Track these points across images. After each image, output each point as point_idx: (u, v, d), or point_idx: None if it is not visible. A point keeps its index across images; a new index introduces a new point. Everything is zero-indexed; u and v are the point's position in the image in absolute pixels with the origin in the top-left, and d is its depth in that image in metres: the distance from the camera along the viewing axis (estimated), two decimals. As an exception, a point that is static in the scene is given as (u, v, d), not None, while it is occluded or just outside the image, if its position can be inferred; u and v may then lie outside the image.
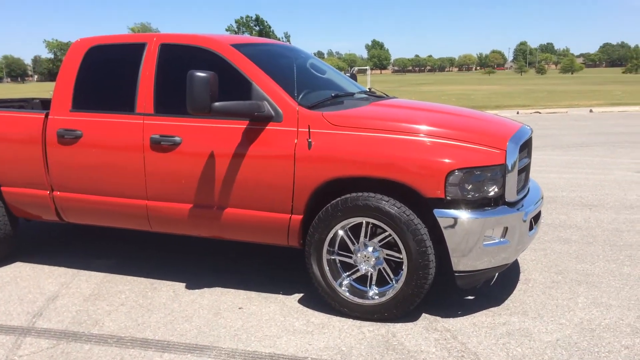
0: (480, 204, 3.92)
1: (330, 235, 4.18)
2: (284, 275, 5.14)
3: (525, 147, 4.40)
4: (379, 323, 4.11)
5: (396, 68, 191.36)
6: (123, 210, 4.89)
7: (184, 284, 4.96)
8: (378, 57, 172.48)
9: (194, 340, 3.94)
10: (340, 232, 4.19)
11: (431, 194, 3.86)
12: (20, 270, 5.45)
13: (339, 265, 4.28)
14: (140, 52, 4.88)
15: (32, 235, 6.63)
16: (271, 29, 71.84)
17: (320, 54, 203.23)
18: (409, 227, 3.91)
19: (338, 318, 4.22)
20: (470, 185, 3.86)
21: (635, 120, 18.91)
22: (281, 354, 3.72)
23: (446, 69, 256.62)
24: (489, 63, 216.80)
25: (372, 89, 5.59)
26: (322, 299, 4.35)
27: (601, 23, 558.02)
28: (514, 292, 4.60)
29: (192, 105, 4.09)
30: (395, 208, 3.94)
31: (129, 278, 5.15)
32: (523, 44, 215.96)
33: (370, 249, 4.15)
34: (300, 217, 4.30)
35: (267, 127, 4.32)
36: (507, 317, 4.15)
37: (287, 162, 4.21)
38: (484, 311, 4.25)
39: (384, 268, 4.16)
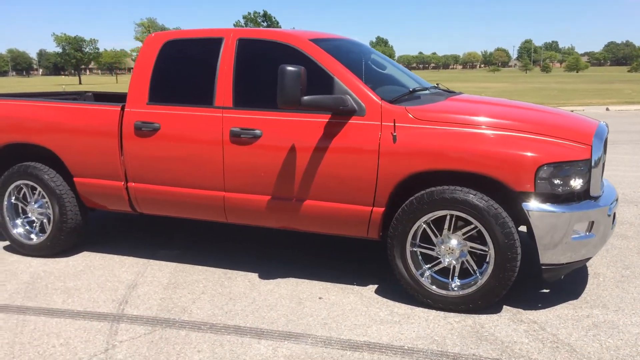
0: (567, 199, 4.01)
1: (415, 227, 4.26)
2: (352, 266, 5.25)
3: (605, 144, 4.49)
4: (463, 314, 4.19)
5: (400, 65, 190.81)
6: (199, 202, 4.98)
7: (257, 274, 5.06)
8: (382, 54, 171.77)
9: (285, 328, 4.03)
10: (423, 225, 4.27)
11: (520, 188, 3.95)
12: (90, 259, 5.55)
13: (419, 257, 4.36)
14: (217, 46, 4.97)
15: (91, 225, 6.70)
16: (279, 25, 71.90)
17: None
18: (497, 220, 4.00)
19: (420, 309, 4.31)
20: (559, 180, 3.96)
21: (655, 119, 18.94)
22: (376, 342, 3.81)
23: (450, 67, 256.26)
24: (494, 61, 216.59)
25: (439, 84, 5.67)
26: (399, 290, 4.48)
27: (606, 22, 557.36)
28: (587, 286, 4.69)
29: (283, 99, 4.18)
30: (483, 201, 4.03)
31: (200, 268, 5.25)
32: (528, 42, 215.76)
33: (454, 241, 4.24)
34: (382, 209, 4.39)
35: (349, 121, 4.41)
36: (588, 309, 4.24)
37: (370, 156, 4.30)
38: (564, 304, 4.34)
39: (467, 260, 4.24)
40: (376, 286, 4.76)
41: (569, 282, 4.71)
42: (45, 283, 4.93)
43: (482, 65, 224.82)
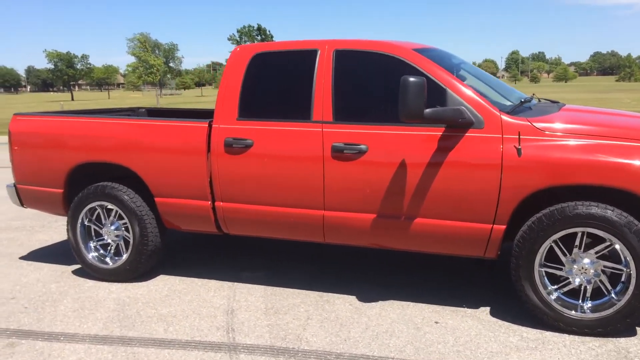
0: None
1: (544, 246, 4.04)
2: (450, 284, 5.05)
3: None
4: (599, 338, 3.97)
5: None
6: (296, 221, 4.74)
7: (354, 297, 4.82)
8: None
9: (418, 357, 3.80)
10: (552, 243, 4.05)
11: None
12: (170, 283, 5.29)
13: (545, 277, 4.14)
14: (311, 58, 4.75)
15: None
16: (273, 38, 71.94)
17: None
18: (638, 237, 3.78)
19: (550, 333, 4.09)
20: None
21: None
22: (525, 370, 3.57)
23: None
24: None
25: (534, 95, 5.48)
26: (515, 312, 4.33)
27: (591, 32, 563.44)
28: None
29: (406, 112, 3.98)
30: (623, 217, 3.82)
31: (291, 291, 5.01)
32: (515, 52, 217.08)
33: (586, 260, 4.02)
34: (503, 227, 4.17)
35: (466, 134, 4.20)
36: None
37: (492, 171, 4.09)
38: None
39: (600, 280, 4.02)
40: (488, 308, 4.53)
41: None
42: (135, 310, 4.66)
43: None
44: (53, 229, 7.45)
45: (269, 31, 71.62)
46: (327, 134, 4.53)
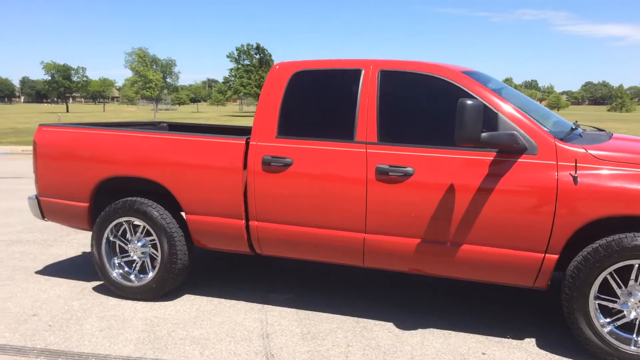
0: None
1: (600, 277, 3.91)
2: (488, 312, 4.89)
3: None
4: (656, 374, 3.82)
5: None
6: (334, 244, 4.60)
7: (392, 323, 4.69)
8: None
9: (471, 390, 3.62)
10: (607, 275, 3.93)
11: None
12: (198, 303, 5.12)
13: (597, 310, 4.00)
14: (355, 78, 4.65)
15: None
16: (271, 57, 72.13)
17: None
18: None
19: (604, 367, 3.92)
20: None
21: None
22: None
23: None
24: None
25: (577, 122, 5.36)
26: (563, 343, 4.22)
27: (584, 62, 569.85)
28: None
29: (463, 135, 3.86)
30: (683, 251, 3.69)
31: (325, 315, 4.85)
32: (508, 80, 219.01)
33: (643, 293, 3.89)
34: (556, 257, 4.05)
35: (519, 160, 4.08)
36: None
37: (547, 198, 3.97)
38: None
39: (655, 314, 3.89)
40: (533, 340, 4.39)
41: None
42: (166, 331, 4.47)
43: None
44: (66, 242, 7.25)
45: (267, 50, 71.82)
46: (371, 155, 4.40)
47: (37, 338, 4.34)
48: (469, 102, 3.83)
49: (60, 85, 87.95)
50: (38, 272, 5.99)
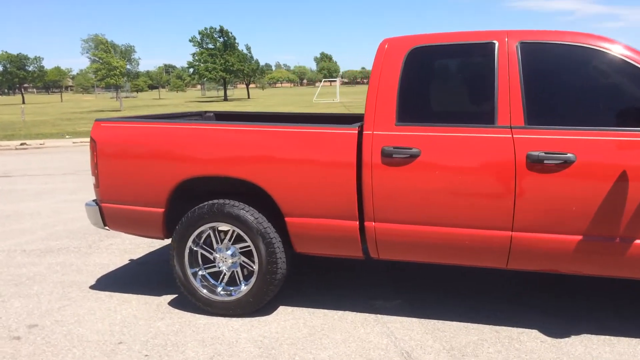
0: None
1: None
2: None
3: None
4: None
5: (345, 80, 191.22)
6: (473, 244, 4.00)
7: (536, 330, 4.17)
8: (327, 69, 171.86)
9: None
10: None
11: None
12: (299, 316, 4.54)
13: None
14: (487, 52, 4.03)
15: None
16: (236, 40, 70.66)
17: (268, 67, 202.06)
18: None
19: None
20: None
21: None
22: None
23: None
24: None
25: None
26: None
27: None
28: None
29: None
30: None
31: (455, 324, 4.31)
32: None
33: None
34: None
35: None
36: None
37: None
38: None
39: None
40: None
41: None
42: (287, 355, 3.83)
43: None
44: (104, 249, 6.51)
45: (231, 33, 70.26)
46: (519, 141, 3.80)
47: (141, 374, 3.64)
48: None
49: (15, 76, 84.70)
50: (93, 288, 5.26)
